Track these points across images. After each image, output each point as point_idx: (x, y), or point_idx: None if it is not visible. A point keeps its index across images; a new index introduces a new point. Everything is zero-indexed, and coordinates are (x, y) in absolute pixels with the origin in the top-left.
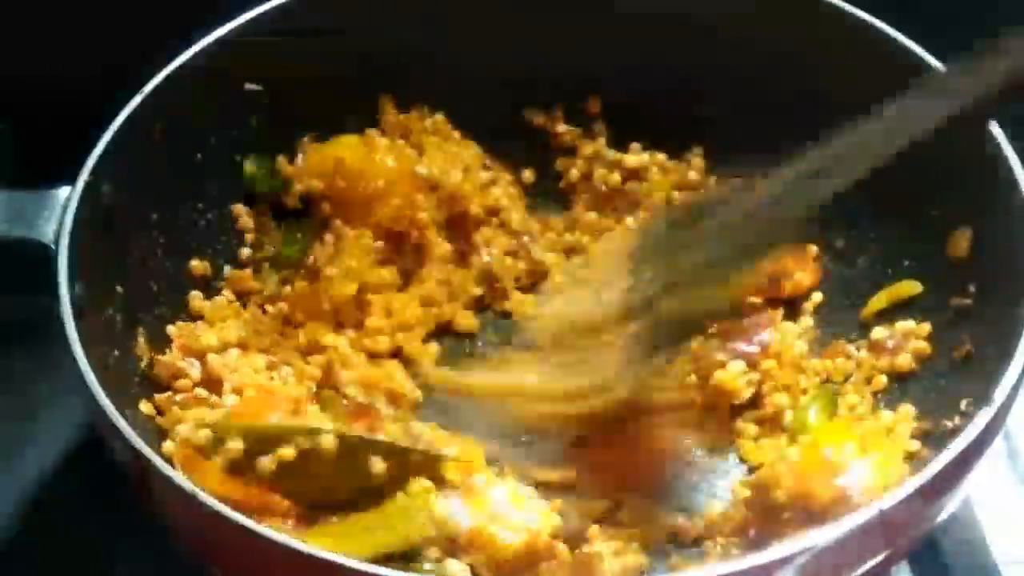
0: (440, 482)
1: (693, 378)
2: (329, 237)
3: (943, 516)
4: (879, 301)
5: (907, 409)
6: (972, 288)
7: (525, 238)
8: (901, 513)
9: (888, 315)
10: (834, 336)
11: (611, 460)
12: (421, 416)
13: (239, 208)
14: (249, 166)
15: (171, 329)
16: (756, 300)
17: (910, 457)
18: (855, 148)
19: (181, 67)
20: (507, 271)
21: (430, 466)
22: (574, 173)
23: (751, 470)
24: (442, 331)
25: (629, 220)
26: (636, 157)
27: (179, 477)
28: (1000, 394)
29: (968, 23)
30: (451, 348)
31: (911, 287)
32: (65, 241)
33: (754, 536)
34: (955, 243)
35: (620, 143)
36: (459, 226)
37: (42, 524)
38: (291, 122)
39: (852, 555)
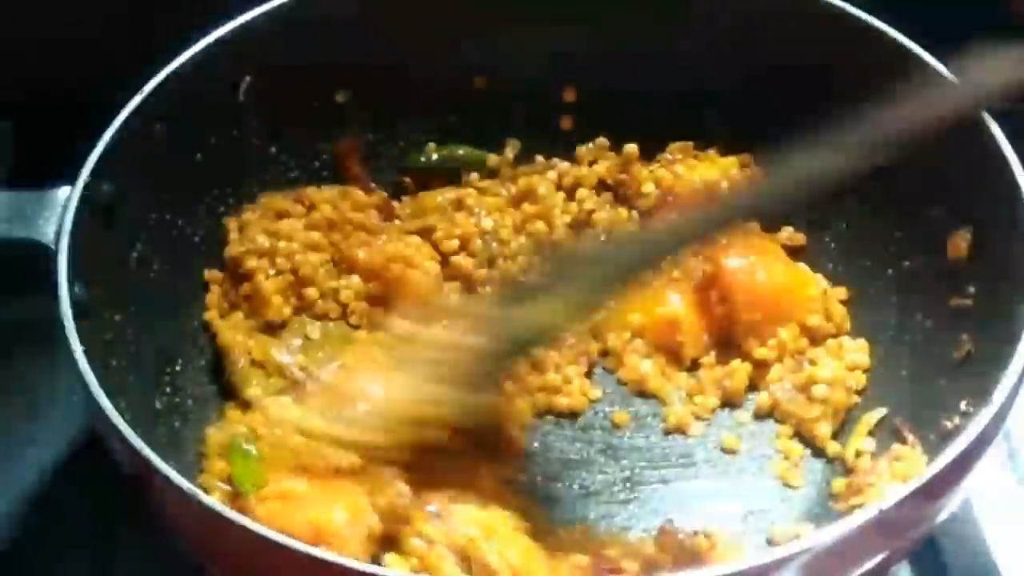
0: None
1: None
2: None
3: (943, 516)
4: (859, 435)
5: None
6: (972, 288)
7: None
8: (901, 513)
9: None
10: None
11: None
12: None
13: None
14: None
15: None
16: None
17: None
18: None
19: (181, 67)
20: None
21: None
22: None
23: None
24: None
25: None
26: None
27: (179, 477)
28: (1000, 394)
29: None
30: None
31: (877, 413)
32: (65, 241)
33: None
34: (955, 243)
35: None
36: None
37: (42, 524)
38: (290, 122)
39: (852, 555)
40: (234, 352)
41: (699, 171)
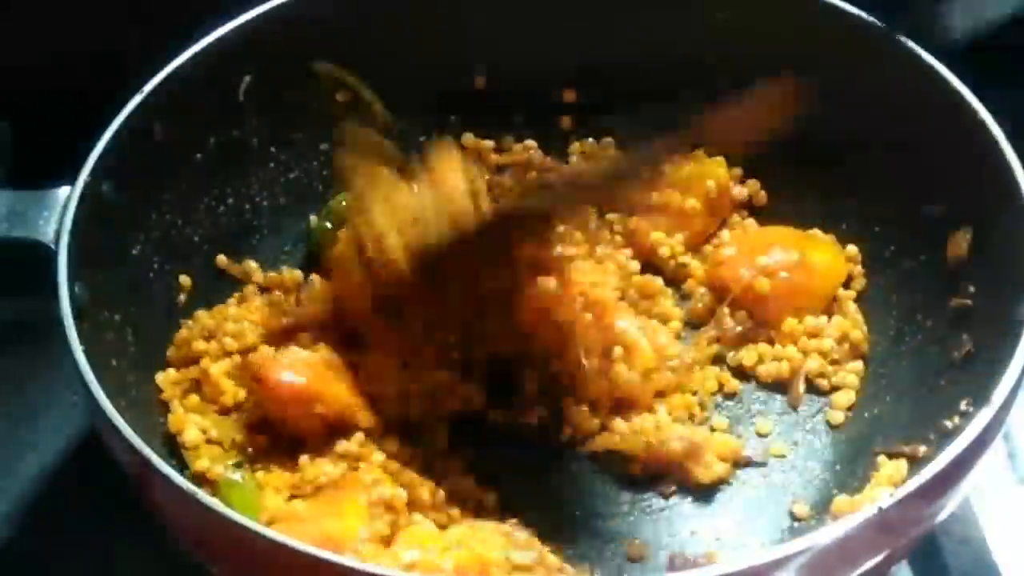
0: None
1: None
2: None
3: (943, 516)
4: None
5: None
6: (972, 288)
7: None
8: (901, 513)
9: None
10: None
11: None
12: None
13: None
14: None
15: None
16: None
17: None
18: None
19: (181, 67)
20: None
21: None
22: None
23: None
24: None
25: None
26: None
27: (179, 477)
28: (1000, 394)
29: None
30: None
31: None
32: (65, 241)
33: None
34: (955, 243)
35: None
36: None
37: (42, 524)
38: (290, 122)
39: (852, 555)
40: (186, 432)
41: (685, 170)
